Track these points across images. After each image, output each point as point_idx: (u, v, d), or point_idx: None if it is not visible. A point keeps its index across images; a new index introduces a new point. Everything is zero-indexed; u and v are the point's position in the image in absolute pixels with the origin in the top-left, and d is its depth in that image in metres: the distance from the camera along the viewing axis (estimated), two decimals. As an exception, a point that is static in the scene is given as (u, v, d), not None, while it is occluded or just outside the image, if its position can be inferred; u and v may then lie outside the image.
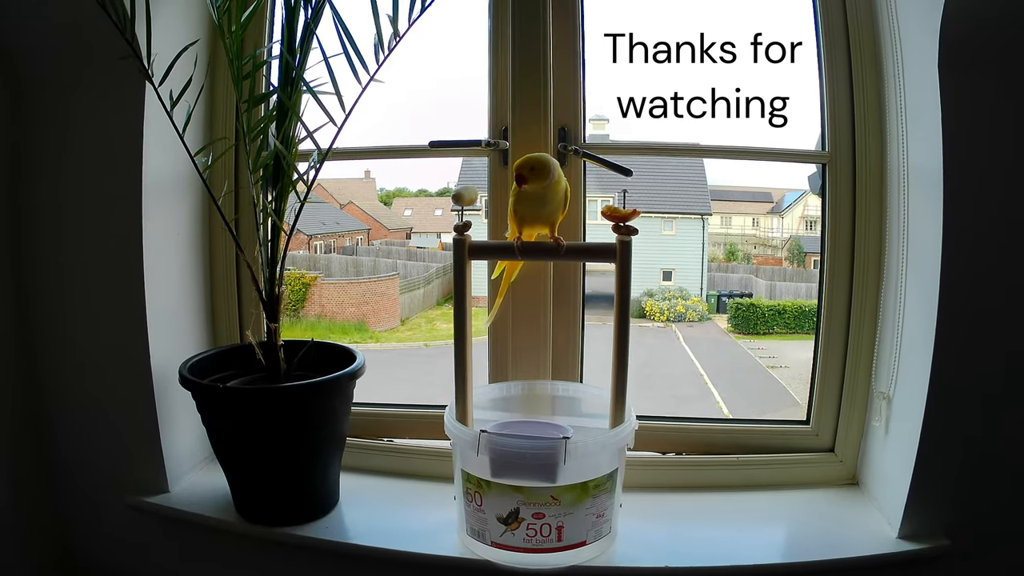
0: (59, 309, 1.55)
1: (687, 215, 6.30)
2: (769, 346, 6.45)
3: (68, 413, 1.58)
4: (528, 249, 1.30)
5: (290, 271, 6.68)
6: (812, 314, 6.62)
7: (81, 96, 1.46)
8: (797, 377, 6.08)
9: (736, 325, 6.56)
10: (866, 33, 1.44)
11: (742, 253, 7.27)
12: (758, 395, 5.92)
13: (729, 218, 7.28)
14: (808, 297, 6.86)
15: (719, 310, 6.70)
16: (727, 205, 7.27)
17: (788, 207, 7.35)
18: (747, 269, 7.18)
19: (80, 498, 1.62)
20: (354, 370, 1.36)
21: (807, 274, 7.17)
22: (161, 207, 1.49)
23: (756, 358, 6.38)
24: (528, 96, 1.47)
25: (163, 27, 1.37)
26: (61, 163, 1.49)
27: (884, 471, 1.44)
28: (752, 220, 7.37)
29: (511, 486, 1.21)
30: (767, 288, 6.93)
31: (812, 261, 7.31)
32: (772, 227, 7.34)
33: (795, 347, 6.41)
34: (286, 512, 1.40)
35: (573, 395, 1.47)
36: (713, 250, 6.89)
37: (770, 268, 7.20)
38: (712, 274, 6.84)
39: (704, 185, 6.37)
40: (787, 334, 6.57)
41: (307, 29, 1.33)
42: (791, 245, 7.31)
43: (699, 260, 6.55)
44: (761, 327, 6.55)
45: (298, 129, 1.38)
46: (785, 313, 6.59)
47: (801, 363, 6.23)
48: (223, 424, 1.36)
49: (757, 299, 6.77)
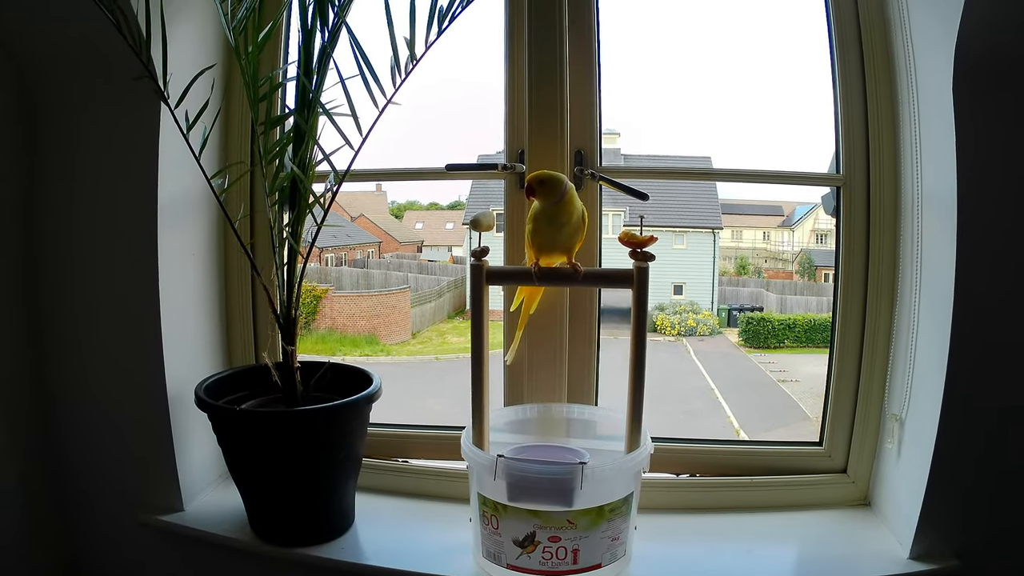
0: (74, 327, 1.55)
1: (698, 229, 6.28)
2: (780, 360, 6.40)
3: (82, 433, 1.59)
4: (545, 274, 1.30)
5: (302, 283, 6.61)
6: (823, 328, 6.59)
7: (96, 116, 1.46)
8: (808, 391, 6.03)
9: (747, 339, 6.52)
10: (880, 55, 1.44)
11: (753, 267, 7.24)
12: (769, 410, 5.87)
13: (740, 231, 7.26)
14: (819, 311, 6.80)
15: (730, 324, 6.66)
16: (738, 219, 7.25)
17: (799, 220, 7.32)
18: (758, 283, 7.14)
19: (94, 517, 1.62)
20: (371, 393, 1.36)
21: (818, 287, 7.11)
22: (176, 229, 1.50)
23: (767, 372, 6.34)
24: (544, 120, 1.47)
25: (179, 48, 1.37)
26: (74, 184, 1.50)
27: (896, 492, 1.43)
28: (763, 233, 7.35)
29: (528, 510, 1.21)
30: (778, 302, 6.89)
31: (823, 275, 7.26)
32: (783, 240, 7.31)
33: (806, 361, 6.37)
34: (302, 532, 1.40)
35: (589, 418, 1.47)
36: (724, 264, 6.86)
37: (781, 282, 7.16)
38: (723, 288, 6.80)
39: (715, 199, 6.34)
40: (798, 348, 6.52)
41: (324, 51, 1.31)
42: (802, 258, 7.27)
43: (710, 274, 6.51)
44: (772, 341, 6.51)
45: (314, 151, 1.37)
46: (796, 327, 6.55)
47: (812, 377, 6.19)
48: (239, 446, 1.36)
49: (768, 313, 6.73)
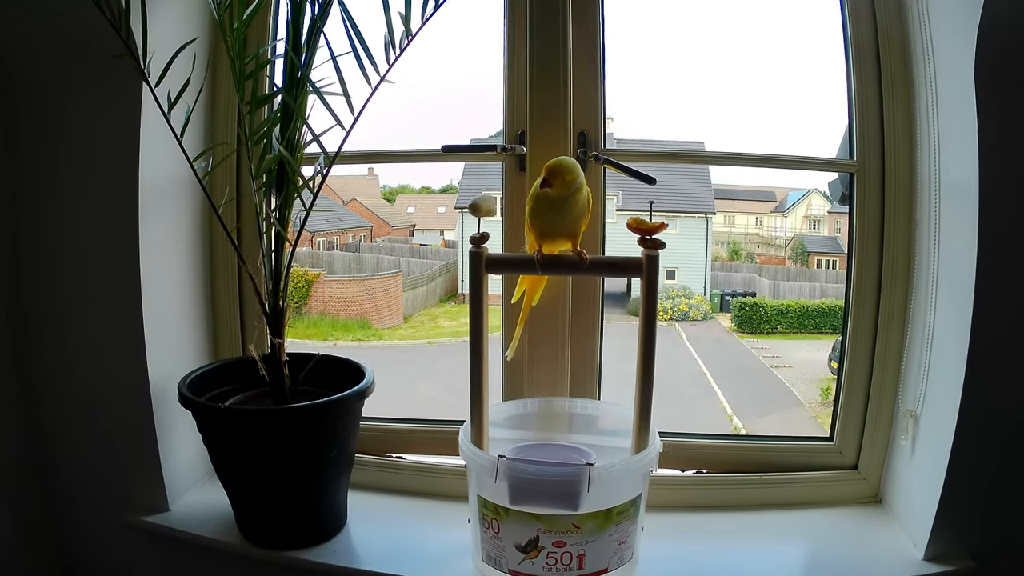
0: (54, 322, 1.48)
1: (691, 213, 6.28)
2: (772, 346, 6.44)
3: (67, 431, 1.52)
4: (549, 262, 1.22)
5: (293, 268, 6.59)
6: (815, 313, 6.62)
7: (80, 105, 1.39)
8: (801, 377, 6.07)
9: (739, 324, 6.56)
10: (895, 34, 1.39)
11: (745, 252, 7.25)
12: (762, 395, 5.89)
13: (732, 217, 7.25)
14: (812, 296, 6.84)
15: (722, 309, 6.69)
16: (730, 204, 7.24)
17: (792, 206, 7.33)
18: (750, 268, 7.16)
19: (78, 517, 1.57)
20: (363, 388, 1.29)
21: (811, 273, 7.15)
22: (159, 215, 1.43)
23: (759, 358, 6.36)
24: (546, 98, 1.39)
25: (161, 24, 1.31)
26: (59, 177, 1.43)
27: (909, 490, 1.40)
28: (756, 219, 7.35)
29: (531, 514, 1.15)
30: (771, 287, 6.92)
31: (816, 260, 7.29)
32: (775, 226, 7.32)
33: (798, 347, 6.41)
34: (292, 534, 1.34)
35: (592, 412, 1.41)
36: (716, 249, 6.86)
37: (774, 267, 7.19)
38: (716, 273, 6.82)
39: (708, 184, 6.35)
40: (790, 334, 6.55)
41: (314, 26, 1.26)
42: (794, 244, 7.30)
43: (703, 259, 6.52)
44: (765, 326, 6.54)
45: (303, 132, 1.31)
46: (789, 312, 6.58)
47: (805, 363, 6.23)
48: (224, 445, 1.29)
49: (761, 298, 6.75)
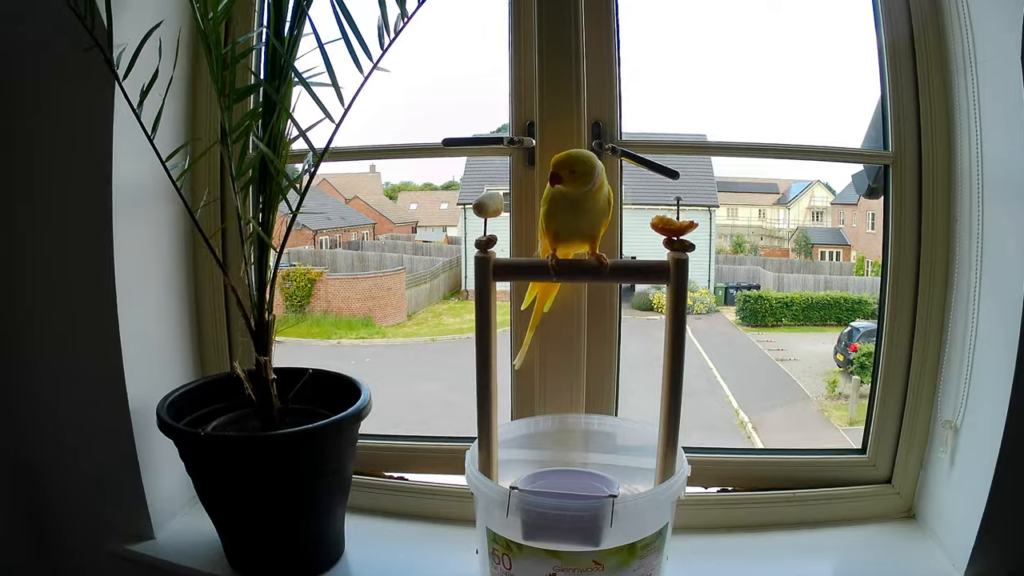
0: (25, 343, 1.38)
1: (694, 207, 6.20)
2: (777, 338, 6.40)
3: (44, 456, 1.42)
4: (565, 269, 1.09)
5: (295, 267, 6.60)
6: (820, 306, 6.56)
7: (51, 110, 1.29)
8: (807, 370, 6.01)
9: (744, 317, 6.51)
10: (931, 22, 1.29)
11: (749, 245, 7.19)
12: (768, 389, 5.84)
13: (735, 209, 7.19)
14: (816, 288, 6.80)
15: (727, 302, 6.64)
16: (733, 196, 7.18)
17: (794, 198, 7.28)
18: (754, 261, 7.12)
19: (61, 545, 1.47)
20: (358, 410, 1.18)
21: (815, 265, 7.11)
22: (137, 220, 1.32)
23: (765, 350, 6.31)
24: (558, 85, 1.27)
25: (135, 14, 1.21)
26: (32, 188, 1.33)
27: (947, 506, 1.32)
28: (759, 211, 7.29)
29: (547, 550, 1.03)
30: (775, 280, 6.87)
31: (819, 252, 7.24)
32: (779, 218, 7.27)
33: (803, 339, 6.37)
34: (285, 566, 1.23)
35: (609, 430, 1.29)
36: (720, 241, 6.80)
37: (777, 259, 7.15)
38: (720, 266, 6.78)
39: (711, 176, 6.28)
40: (795, 326, 6.52)
41: (298, 8, 1.16)
42: (798, 236, 7.24)
43: (706, 252, 6.46)
44: (769, 319, 6.50)
45: (289, 127, 1.21)
46: (793, 305, 6.53)
47: (810, 355, 6.17)
48: (207, 473, 1.18)
49: (765, 291, 6.71)
